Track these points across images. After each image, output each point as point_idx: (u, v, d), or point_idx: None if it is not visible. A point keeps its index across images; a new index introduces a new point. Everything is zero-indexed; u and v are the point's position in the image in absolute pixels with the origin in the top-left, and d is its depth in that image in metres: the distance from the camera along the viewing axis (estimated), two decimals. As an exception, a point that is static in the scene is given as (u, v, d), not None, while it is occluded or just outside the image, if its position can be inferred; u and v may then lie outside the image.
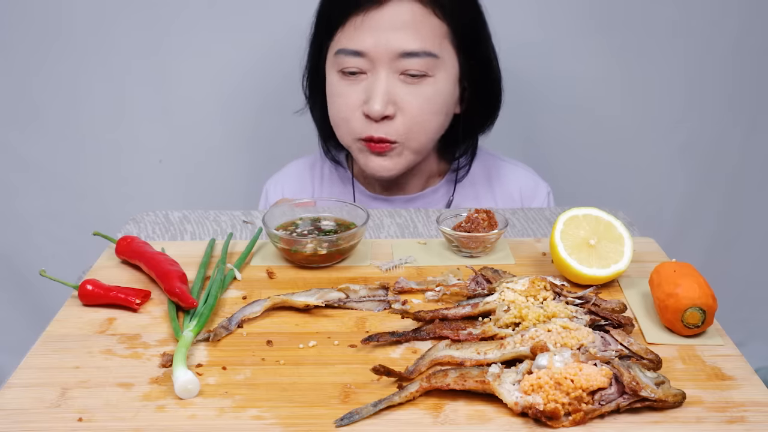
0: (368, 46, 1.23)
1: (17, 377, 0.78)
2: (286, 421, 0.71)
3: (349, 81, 1.27)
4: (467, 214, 1.06)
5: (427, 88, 1.25)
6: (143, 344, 0.84)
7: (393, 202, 1.41)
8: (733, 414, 0.72)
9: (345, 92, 1.27)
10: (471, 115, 1.36)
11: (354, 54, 1.24)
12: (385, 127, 1.26)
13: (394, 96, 1.25)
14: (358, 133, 1.28)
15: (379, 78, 1.24)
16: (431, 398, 0.74)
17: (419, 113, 1.26)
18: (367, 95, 1.25)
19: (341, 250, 1.01)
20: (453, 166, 1.44)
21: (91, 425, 0.71)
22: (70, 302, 0.93)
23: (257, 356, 0.81)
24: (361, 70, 1.25)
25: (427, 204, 1.41)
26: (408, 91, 1.25)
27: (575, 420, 0.70)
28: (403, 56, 1.23)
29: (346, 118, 1.28)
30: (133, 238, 1.03)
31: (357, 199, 1.42)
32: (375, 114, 1.23)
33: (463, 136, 1.38)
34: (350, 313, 0.90)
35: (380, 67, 1.24)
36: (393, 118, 1.26)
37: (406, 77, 1.24)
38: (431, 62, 1.24)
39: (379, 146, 1.27)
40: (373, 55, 1.23)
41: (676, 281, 0.84)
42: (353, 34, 1.24)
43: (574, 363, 0.73)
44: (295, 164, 1.50)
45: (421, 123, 1.27)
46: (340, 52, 1.26)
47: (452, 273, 0.97)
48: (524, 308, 0.83)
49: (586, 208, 0.98)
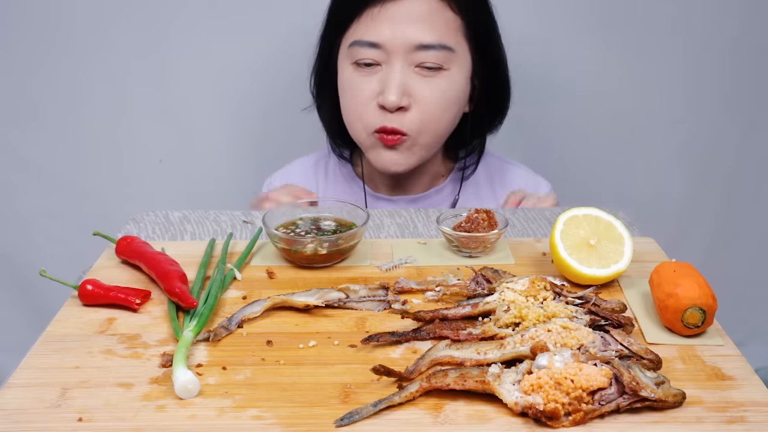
0: (385, 37, 1.22)
1: (17, 377, 0.78)
2: (286, 421, 0.71)
3: (363, 73, 1.26)
4: (467, 214, 1.06)
5: (441, 82, 1.25)
6: (143, 344, 0.84)
7: (397, 203, 1.41)
8: (733, 414, 0.72)
9: (359, 84, 1.27)
10: (480, 114, 1.37)
11: (370, 45, 1.24)
12: (399, 118, 1.25)
13: (409, 88, 1.24)
14: (371, 125, 1.27)
15: (394, 69, 1.24)
16: (431, 398, 0.74)
17: (433, 106, 1.26)
18: (382, 87, 1.24)
19: (341, 250, 1.01)
20: (458, 166, 1.44)
21: (91, 425, 0.71)
22: (70, 302, 0.93)
23: (257, 356, 0.81)
24: (376, 61, 1.25)
25: (432, 204, 1.41)
26: (423, 84, 1.25)
27: (575, 420, 0.70)
28: (419, 48, 1.23)
29: (359, 111, 1.28)
30: (133, 238, 1.03)
31: (362, 198, 1.42)
32: (390, 104, 1.23)
33: (470, 135, 1.38)
34: (350, 313, 0.90)
35: (395, 59, 1.23)
36: (407, 110, 1.25)
37: (421, 70, 1.24)
38: (446, 55, 1.24)
39: (391, 138, 1.26)
40: (389, 47, 1.23)
41: (676, 281, 0.84)
42: (369, 25, 1.24)
43: (574, 363, 0.73)
44: (301, 161, 1.50)
45: (435, 116, 1.27)
46: (355, 43, 1.25)
47: (452, 273, 0.97)
48: (524, 308, 0.83)
49: (586, 208, 0.98)
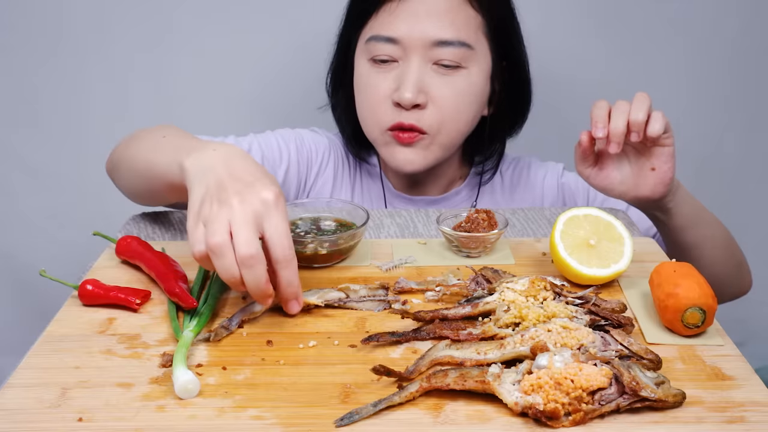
0: (402, 32, 1.21)
1: (17, 377, 0.78)
2: (286, 421, 0.71)
3: (380, 69, 1.24)
4: (467, 214, 1.06)
5: (460, 80, 1.23)
6: (143, 344, 0.84)
7: (416, 203, 1.39)
8: (733, 414, 0.72)
9: (375, 81, 1.25)
10: (499, 117, 1.34)
11: (387, 40, 1.22)
12: (416, 115, 1.23)
13: (426, 86, 1.22)
14: (386, 122, 1.25)
15: (411, 65, 1.22)
16: (431, 398, 0.74)
17: (451, 105, 1.23)
18: (398, 83, 1.22)
19: (341, 250, 1.01)
20: (477, 170, 1.41)
21: (91, 425, 0.71)
22: (70, 302, 0.93)
23: (257, 356, 0.81)
24: (392, 57, 1.23)
25: (450, 206, 1.39)
26: (441, 82, 1.23)
27: (575, 420, 0.70)
28: (438, 45, 1.21)
29: (374, 108, 1.26)
30: (134, 238, 1.03)
31: (383, 195, 1.40)
32: (405, 101, 1.21)
33: (489, 139, 1.36)
34: (350, 313, 0.90)
35: (413, 55, 1.22)
36: (424, 108, 1.23)
37: (439, 67, 1.22)
38: (465, 53, 1.22)
39: (408, 136, 1.24)
40: (406, 42, 1.21)
41: (676, 281, 0.84)
42: (387, 20, 1.22)
43: (574, 363, 0.73)
44: (312, 133, 1.44)
45: (453, 115, 1.24)
46: (372, 38, 1.24)
47: (452, 273, 0.97)
48: (524, 308, 0.83)
49: (586, 208, 0.98)
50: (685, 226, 1.17)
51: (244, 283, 0.81)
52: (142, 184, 1.10)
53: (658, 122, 1.05)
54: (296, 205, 1.10)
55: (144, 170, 1.06)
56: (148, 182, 1.06)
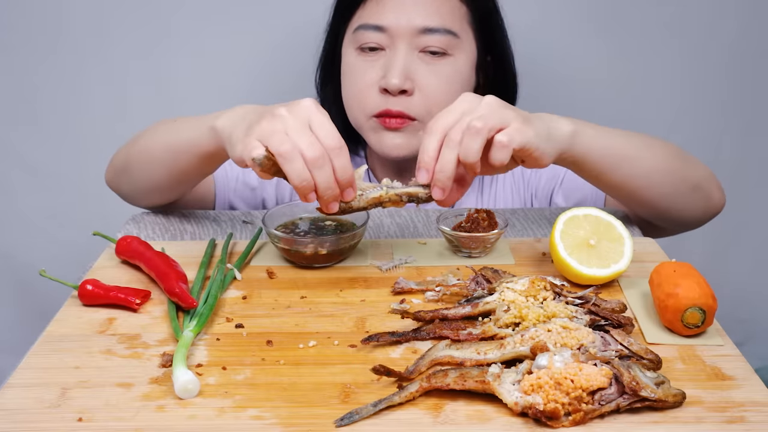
0: (389, 20, 1.22)
1: (17, 377, 0.78)
2: (286, 421, 0.71)
3: (367, 57, 1.26)
4: (467, 214, 1.06)
5: (446, 67, 1.25)
6: (143, 344, 0.84)
7: None
8: (733, 414, 0.72)
9: (361, 69, 1.26)
10: None
11: (374, 29, 1.24)
12: (404, 102, 1.24)
13: (413, 73, 1.23)
14: (372, 108, 1.26)
15: (397, 52, 1.23)
16: (431, 398, 0.74)
17: (438, 92, 1.24)
18: (385, 70, 1.23)
19: (341, 250, 1.01)
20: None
21: (91, 425, 0.71)
22: (70, 302, 0.93)
23: (257, 356, 0.81)
24: (380, 45, 1.24)
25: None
26: (427, 70, 1.24)
27: (575, 420, 0.70)
28: (424, 32, 1.22)
29: (360, 95, 1.27)
30: (133, 238, 1.03)
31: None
32: (392, 87, 1.21)
33: None
34: (350, 313, 0.90)
35: (400, 43, 1.23)
36: (411, 95, 1.24)
37: (425, 55, 1.24)
38: (451, 40, 1.24)
39: (395, 121, 1.24)
40: (393, 30, 1.22)
41: (676, 281, 0.84)
42: (375, 9, 1.24)
43: (574, 363, 0.73)
44: None
45: (440, 102, 1.24)
46: (360, 27, 1.25)
47: (452, 273, 0.97)
48: (524, 308, 0.83)
49: (586, 208, 0.98)
50: (603, 171, 1.07)
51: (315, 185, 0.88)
52: (164, 171, 1.12)
53: (501, 151, 0.91)
54: (296, 205, 1.10)
55: (165, 154, 1.10)
56: (173, 164, 1.10)
